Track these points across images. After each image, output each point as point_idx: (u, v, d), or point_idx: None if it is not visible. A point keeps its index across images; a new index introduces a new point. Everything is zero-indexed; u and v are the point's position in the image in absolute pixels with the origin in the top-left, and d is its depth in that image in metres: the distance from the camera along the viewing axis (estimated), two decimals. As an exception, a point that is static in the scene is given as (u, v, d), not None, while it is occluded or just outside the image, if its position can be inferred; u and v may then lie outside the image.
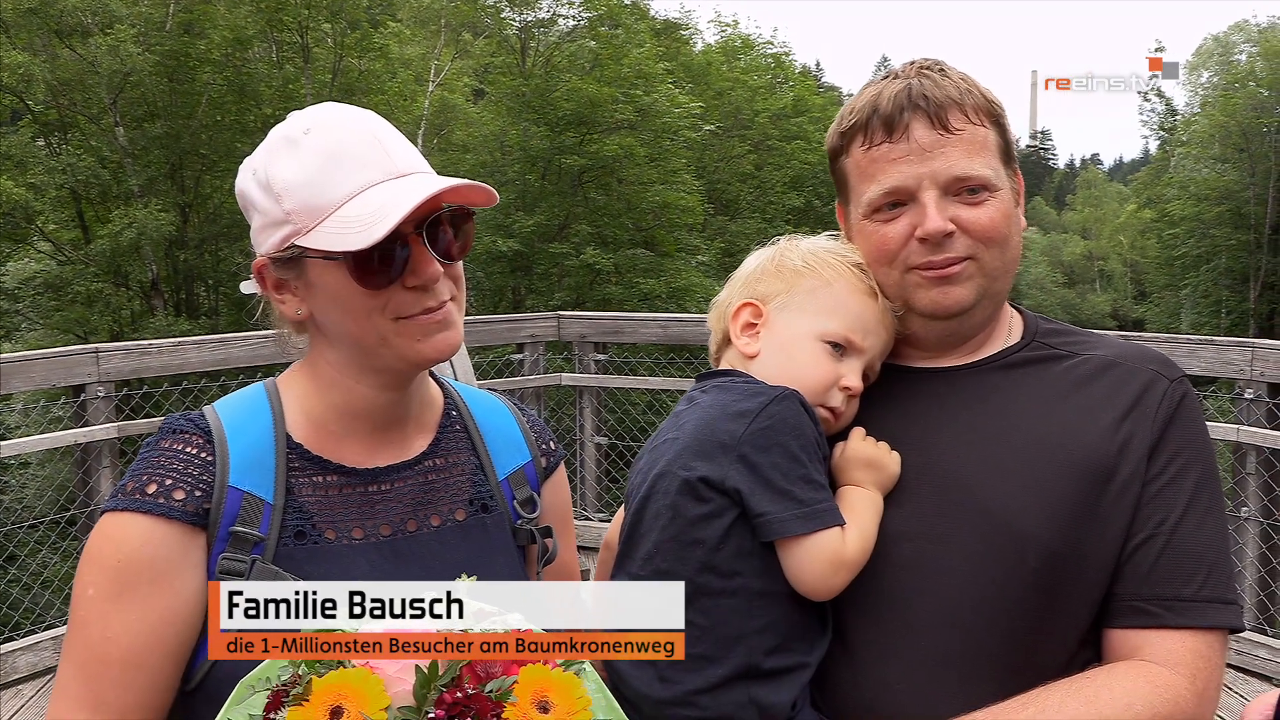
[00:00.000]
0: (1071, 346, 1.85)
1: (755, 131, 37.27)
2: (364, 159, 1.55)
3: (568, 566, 1.95)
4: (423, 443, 1.75)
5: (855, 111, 1.82)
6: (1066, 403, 1.75)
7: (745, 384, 1.78)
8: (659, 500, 1.72)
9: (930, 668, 1.65)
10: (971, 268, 1.76)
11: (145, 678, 1.51)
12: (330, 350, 1.64)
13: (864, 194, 1.80)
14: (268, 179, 1.55)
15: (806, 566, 1.64)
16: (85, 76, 25.10)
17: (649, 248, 30.64)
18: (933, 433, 1.78)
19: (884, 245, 1.78)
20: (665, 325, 8.26)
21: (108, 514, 1.54)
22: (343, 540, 1.61)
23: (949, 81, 1.77)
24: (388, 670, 1.21)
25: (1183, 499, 1.68)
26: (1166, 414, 1.73)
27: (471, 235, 1.65)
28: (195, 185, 27.34)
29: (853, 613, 1.72)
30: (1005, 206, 1.77)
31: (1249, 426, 5.83)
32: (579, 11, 32.77)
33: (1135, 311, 64.02)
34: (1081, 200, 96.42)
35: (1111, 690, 1.56)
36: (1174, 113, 54.53)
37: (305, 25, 27.41)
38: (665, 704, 1.64)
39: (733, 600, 1.64)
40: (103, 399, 6.06)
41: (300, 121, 1.59)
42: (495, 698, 1.20)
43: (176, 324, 24.65)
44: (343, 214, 1.51)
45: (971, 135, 1.75)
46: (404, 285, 1.55)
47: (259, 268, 1.61)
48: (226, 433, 1.60)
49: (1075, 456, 1.68)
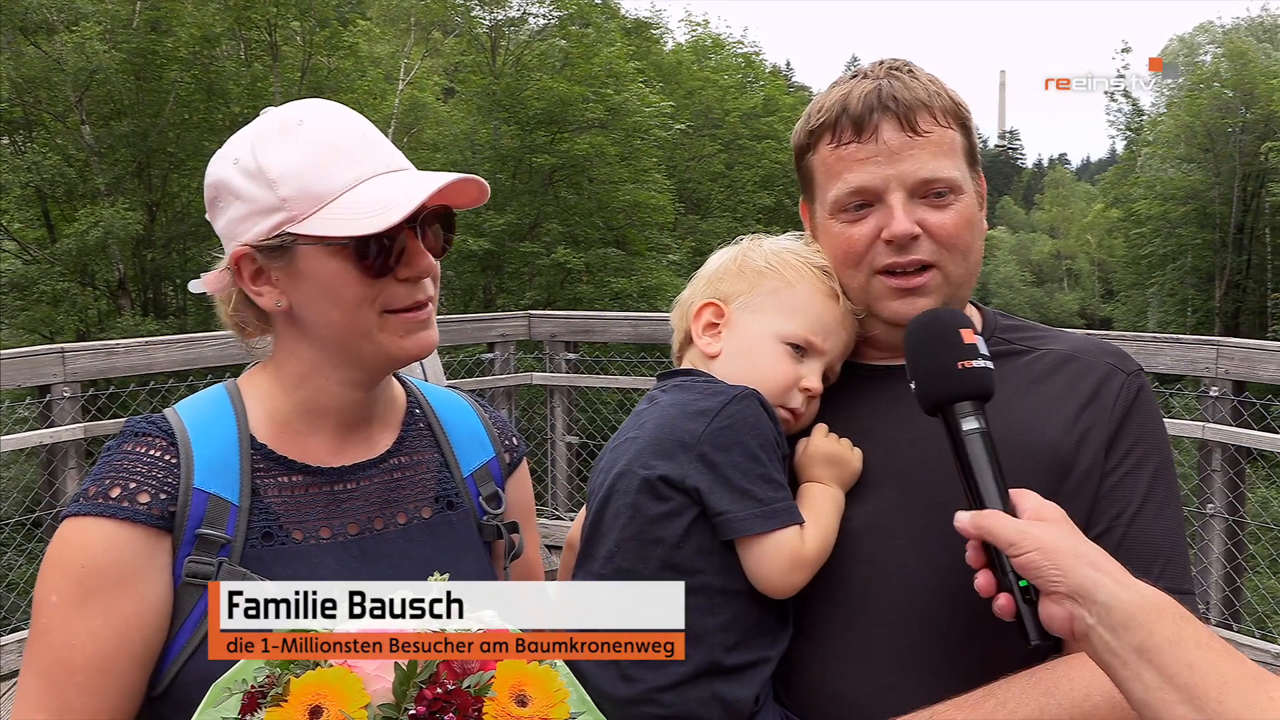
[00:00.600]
0: (1029, 341, 1.87)
1: (726, 131, 37.32)
2: (362, 151, 1.57)
3: (532, 562, 1.97)
4: (387, 441, 1.76)
5: (824, 110, 1.82)
6: (1025, 397, 1.77)
7: (705, 383, 1.80)
8: (620, 499, 1.73)
9: (891, 660, 1.67)
10: (937, 278, 1.77)
11: (111, 683, 1.50)
12: (303, 345, 1.63)
13: (830, 192, 1.81)
14: (258, 166, 1.54)
15: (766, 565, 1.65)
16: (50, 74, 24.80)
17: (620, 247, 30.69)
18: (894, 429, 1.79)
19: (850, 246, 1.79)
20: (636, 324, 8.32)
21: (70, 519, 1.52)
22: (310, 540, 1.61)
23: (918, 83, 1.78)
24: (366, 669, 1.22)
25: (1140, 490, 1.71)
26: (1124, 407, 1.76)
27: (453, 234, 1.68)
28: (163, 184, 27.07)
29: (815, 606, 1.73)
30: (970, 210, 1.79)
31: (1214, 424, 5.91)
32: (549, 10, 32.69)
33: (1103, 310, 64.48)
34: (1049, 200, 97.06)
35: (1071, 681, 1.56)
36: (1140, 113, 55.05)
37: (274, 23, 27.22)
38: (628, 702, 1.65)
39: (694, 598, 1.63)
40: (69, 399, 6.04)
41: (293, 113, 1.60)
42: (474, 692, 1.21)
43: (144, 324, 24.45)
44: (344, 201, 1.52)
45: (939, 137, 1.76)
46: (397, 277, 1.56)
47: (238, 257, 1.59)
48: (190, 435, 1.59)
49: (1035, 450, 1.69)
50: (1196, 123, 44.75)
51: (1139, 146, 53.16)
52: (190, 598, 1.53)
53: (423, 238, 1.57)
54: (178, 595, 1.54)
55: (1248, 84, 43.62)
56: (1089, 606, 1.29)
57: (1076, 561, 1.33)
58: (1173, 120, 47.30)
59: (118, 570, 1.50)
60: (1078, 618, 1.31)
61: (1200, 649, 1.21)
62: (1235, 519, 5.90)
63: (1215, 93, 44.50)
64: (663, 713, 1.64)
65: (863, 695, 1.67)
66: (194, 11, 26.16)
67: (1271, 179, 41.82)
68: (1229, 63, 44.66)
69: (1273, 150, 40.39)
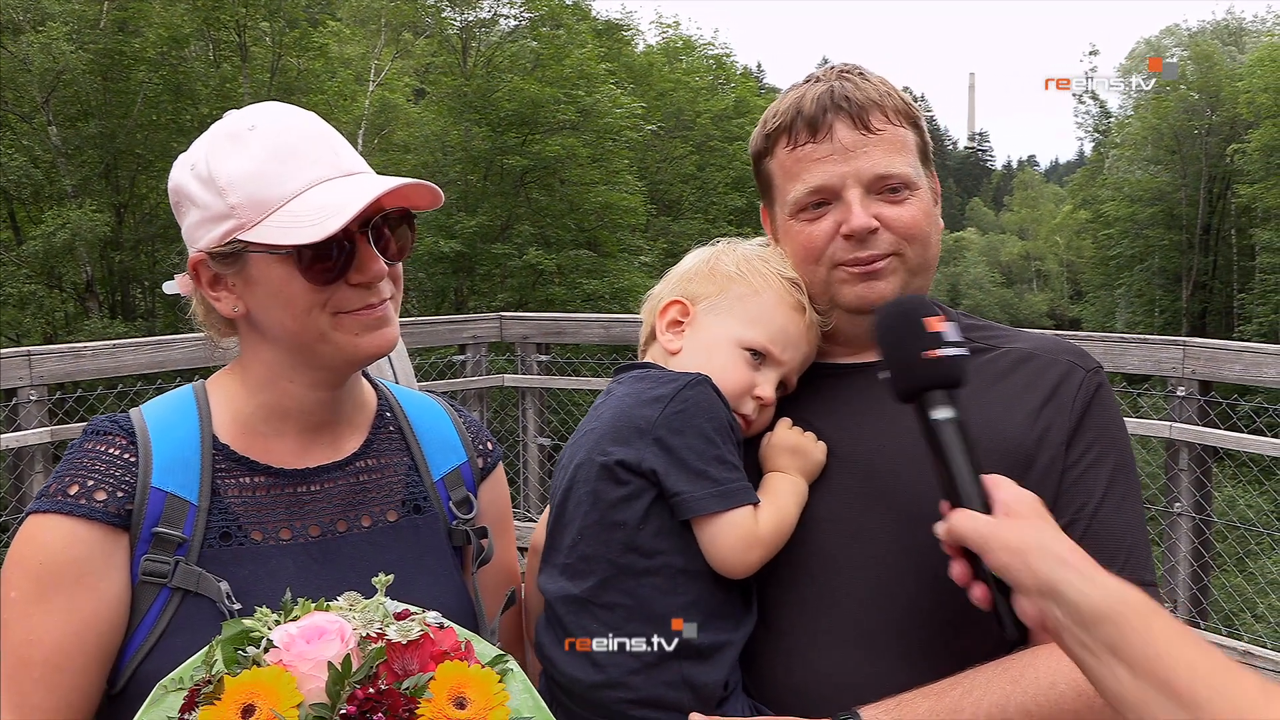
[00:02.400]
0: (990, 340, 1.90)
1: (697, 132, 37.42)
2: (311, 156, 1.56)
3: (507, 566, 1.96)
4: (355, 443, 1.76)
5: (779, 114, 1.87)
6: (986, 394, 1.78)
7: (660, 373, 1.83)
8: (580, 488, 1.75)
9: (854, 650, 1.70)
10: (895, 263, 1.81)
11: (68, 679, 1.50)
12: (264, 348, 1.64)
13: (789, 193, 1.85)
14: (210, 173, 1.55)
15: (720, 543, 1.68)
16: (16, 74, 24.52)
17: (592, 248, 30.75)
18: (856, 424, 1.82)
19: (810, 243, 1.83)
20: (608, 326, 8.30)
21: (31, 516, 1.54)
22: (269, 541, 1.61)
23: (869, 84, 1.82)
24: (301, 668, 1.23)
25: (1101, 485, 1.74)
26: (1083, 403, 1.79)
27: (413, 237, 1.67)
28: (130, 185, 26.92)
29: (778, 597, 1.77)
30: (925, 205, 1.83)
31: (1181, 423, 5.94)
32: (520, 11, 32.73)
33: (1072, 311, 64.92)
34: (1019, 201, 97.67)
35: (1036, 670, 1.59)
36: (1108, 115, 55.60)
37: (243, 24, 27.14)
38: (598, 687, 1.67)
39: (656, 579, 1.68)
40: (35, 403, 6.00)
41: (244, 118, 1.60)
42: (410, 694, 1.22)
43: (112, 326, 24.29)
44: (291, 209, 1.51)
45: (892, 135, 1.80)
46: (348, 282, 1.56)
47: (195, 263, 1.60)
48: (151, 434, 1.61)
49: (996, 446, 1.70)
50: (1163, 125, 45.41)
51: (1107, 149, 53.75)
52: (147, 596, 1.54)
53: (377, 240, 1.57)
54: (135, 593, 1.54)
55: (1213, 87, 44.26)
56: (1059, 603, 1.31)
57: (1044, 559, 1.34)
58: (1140, 122, 47.92)
59: (76, 567, 1.51)
60: (1049, 614, 1.33)
61: (1170, 641, 1.23)
62: (1202, 517, 5.94)
63: (1181, 95, 45.06)
64: (632, 696, 1.66)
65: (825, 684, 1.69)
66: (162, 12, 26.01)
67: (1237, 180, 42.33)
68: (1195, 65, 45.19)
69: (1238, 152, 40.95)
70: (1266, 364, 5.70)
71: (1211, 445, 5.97)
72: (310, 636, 1.26)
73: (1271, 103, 38.22)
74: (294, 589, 1.40)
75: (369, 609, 1.33)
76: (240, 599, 1.52)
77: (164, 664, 1.40)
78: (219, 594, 1.52)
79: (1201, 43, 47.64)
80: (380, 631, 1.29)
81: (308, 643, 1.25)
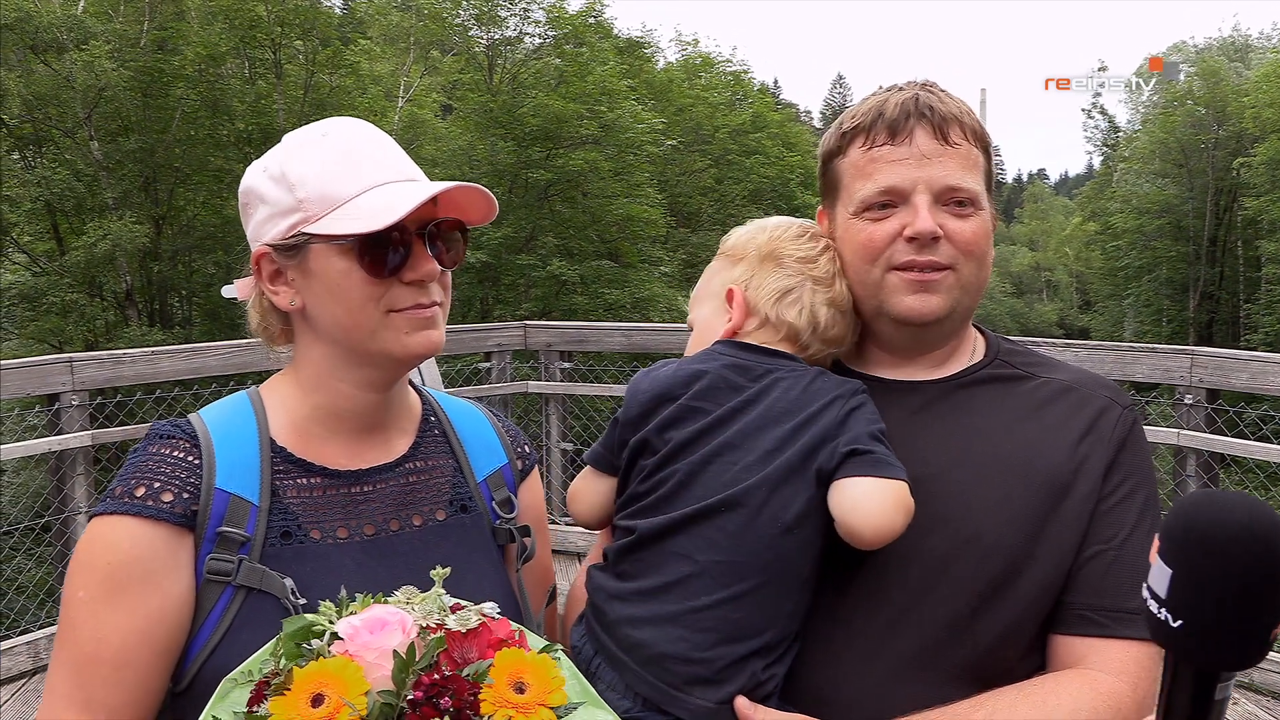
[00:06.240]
0: (1032, 368, 1.90)
1: (715, 146, 37.44)
2: (378, 160, 1.62)
3: (545, 564, 1.98)
4: (403, 445, 1.78)
5: (858, 115, 1.85)
6: (1028, 422, 1.80)
7: (818, 372, 1.82)
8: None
9: (885, 668, 1.69)
10: (951, 278, 1.78)
11: (135, 677, 1.52)
12: (317, 347, 1.68)
13: (857, 192, 1.82)
14: (282, 172, 1.61)
15: (875, 499, 1.61)
16: (60, 91, 24.90)
17: (613, 259, 30.78)
18: (903, 443, 1.75)
19: (870, 242, 1.80)
20: (629, 334, 8.29)
21: (97, 518, 1.55)
22: (327, 540, 1.63)
23: (951, 100, 1.83)
24: (366, 657, 1.24)
25: (1131, 517, 1.74)
26: (1120, 438, 1.79)
27: (464, 248, 1.71)
28: (169, 198, 27.26)
29: (820, 604, 1.75)
30: (986, 225, 1.82)
31: (1189, 431, 6.03)
32: (545, 30, 32.92)
33: (1080, 320, 63.70)
34: (1029, 213, 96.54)
35: (1059, 696, 1.60)
36: (1116, 129, 55.55)
37: (278, 42, 27.50)
38: (676, 659, 1.65)
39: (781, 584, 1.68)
40: (77, 407, 6.11)
41: (317, 128, 1.67)
42: (472, 679, 1.24)
43: (150, 334, 24.65)
44: (355, 204, 1.56)
45: (967, 152, 1.80)
46: (402, 280, 1.59)
47: (258, 257, 1.64)
48: (213, 438, 1.62)
49: (1036, 471, 1.73)
50: (1171, 139, 45.21)
51: (1115, 162, 53.47)
52: (212, 595, 1.55)
53: (432, 245, 1.61)
54: (200, 592, 1.55)
55: (1219, 102, 44.00)
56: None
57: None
58: (1147, 136, 47.73)
59: (142, 567, 1.52)
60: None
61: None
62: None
63: (1189, 110, 44.99)
64: (707, 675, 1.64)
65: (851, 699, 1.69)
66: (200, 31, 26.40)
67: (1243, 193, 42.21)
68: (1202, 81, 45.13)
69: (1244, 166, 40.90)
70: (1273, 372, 5.76)
71: (1218, 452, 6.02)
72: (373, 628, 1.27)
73: (1277, 117, 38.27)
74: (353, 585, 1.43)
75: (427, 601, 1.35)
76: (302, 595, 1.53)
77: (228, 660, 1.42)
78: (283, 590, 1.53)
79: (1208, 59, 47.39)
80: (440, 622, 1.30)
81: (371, 634, 1.27)
